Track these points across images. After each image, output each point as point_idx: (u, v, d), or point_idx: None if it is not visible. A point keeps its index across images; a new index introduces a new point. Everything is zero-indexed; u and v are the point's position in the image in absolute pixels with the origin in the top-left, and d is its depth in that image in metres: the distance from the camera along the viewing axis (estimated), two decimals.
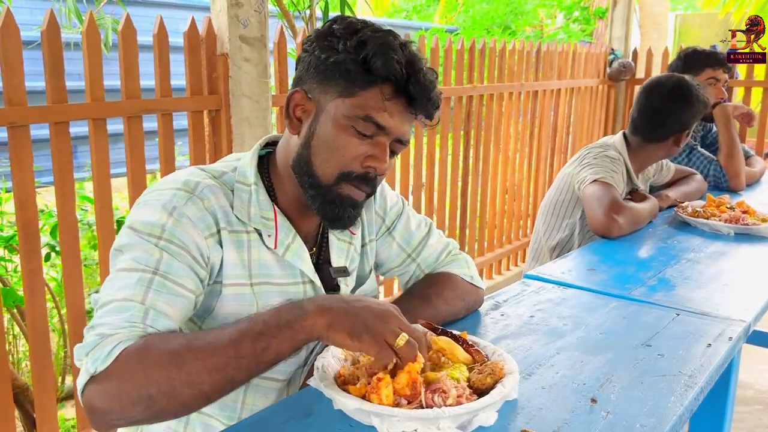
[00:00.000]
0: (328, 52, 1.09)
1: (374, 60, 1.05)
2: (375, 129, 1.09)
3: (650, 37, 7.83)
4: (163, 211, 1.07)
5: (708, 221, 2.13)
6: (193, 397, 0.92)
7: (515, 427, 0.97)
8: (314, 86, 1.12)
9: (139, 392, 0.91)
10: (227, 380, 0.93)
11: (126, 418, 0.93)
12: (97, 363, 0.92)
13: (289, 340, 0.94)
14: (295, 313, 0.96)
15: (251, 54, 2.31)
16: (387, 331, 0.95)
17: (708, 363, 1.20)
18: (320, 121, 1.11)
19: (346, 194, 1.13)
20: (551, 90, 4.42)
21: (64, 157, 1.95)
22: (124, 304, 0.98)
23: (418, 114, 1.12)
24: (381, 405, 0.90)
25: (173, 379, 0.91)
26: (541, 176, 4.51)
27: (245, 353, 0.93)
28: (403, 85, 1.07)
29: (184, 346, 0.93)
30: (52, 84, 1.90)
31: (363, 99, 1.08)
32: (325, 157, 1.11)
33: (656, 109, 2.24)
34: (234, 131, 2.32)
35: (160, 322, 0.99)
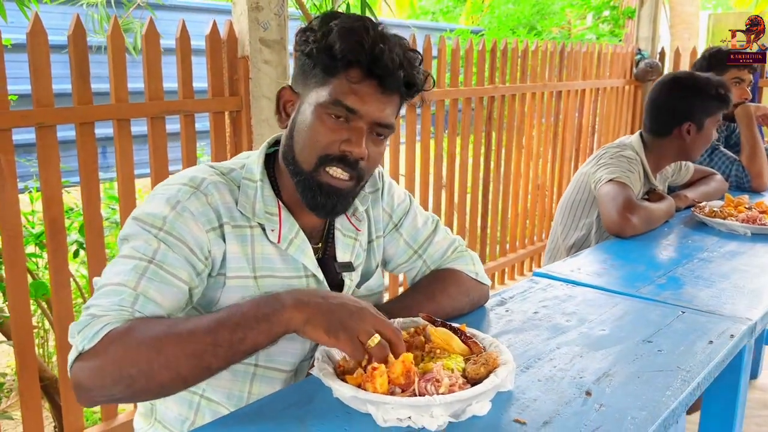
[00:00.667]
0: (303, 46, 1.15)
1: (337, 44, 1.09)
2: (346, 112, 1.12)
3: (681, 37, 7.72)
4: (167, 204, 1.13)
5: (724, 221, 2.11)
6: (170, 380, 0.97)
7: (507, 417, 1.00)
8: (298, 81, 1.18)
9: (120, 372, 0.96)
10: (204, 366, 0.98)
11: (107, 395, 0.99)
12: (85, 341, 0.98)
13: (266, 332, 0.98)
14: (273, 306, 1.00)
15: (271, 56, 2.36)
16: (361, 329, 0.98)
17: (708, 359, 1.20)
18: (300, 111, 1.17)
19: (325, 181, 1.16)
20: (575, 90, 4.41)
21: (90, 157, 2.03)
22: (117, 289, 1.04)
23: (393, 94, 1.14)
24: (376, 393, 0.94)
25: (152, 361, 0.96)
26: (565, 177, 4.49)
27: (222, 342, 0.97)
28: (367, 66, 1.10)
29: (164, 331, 0.98)
30: (78, 86, 1.97)
31: (333, 85, 1.12)
32: (305, 144, 1.16)
33: (656, 104, 2.29)
34: (254, 132, 2.38)
35: (148, 308, 1.04)
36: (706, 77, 2.29)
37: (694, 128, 2.25)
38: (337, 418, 0.98)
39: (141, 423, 1.34)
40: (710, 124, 2.26)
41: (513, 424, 0.98)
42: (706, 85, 2.25)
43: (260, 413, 1.01)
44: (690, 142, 2.27)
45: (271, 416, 0.99)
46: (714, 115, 2.25)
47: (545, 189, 4.35)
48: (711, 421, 1.54)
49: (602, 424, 0.98)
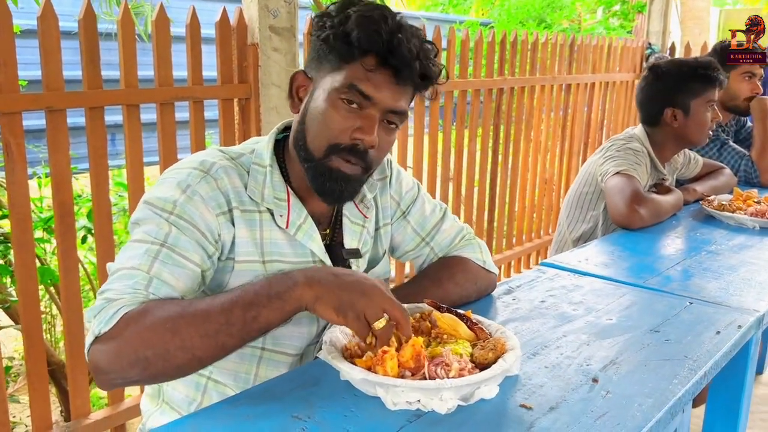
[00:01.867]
0: (319, 31, 1.14)
1: (354, 32, 1.09)
2: (361, 98, 1.12)
3: (691, 32, 7.68)
4: (177, 188, 1.13)
5: (733, 215, 2.11)
6: (186, 361, 0.98)
7: (514, 401, 1.00)
8: (312, 66, 1.18)
9: (136, 354, 0.97)
10: (219, 346, 0.99)
11: (125, 377, 1.00)
12: (101, 325, 0.99)
13: (279, 309, 0.99)
14: (285, 283, 1.01)
15: (280, 44, 2.36)
16: (369, 309, 0.99)
17: (715, 349, 1.20)
18: (313, 97, 1.17)
19: (336, 167, 1.16)
20: (585, 84, 4.39)
21: (99, 142, 2.03)
22: (130, 272, 1.05)
23: (407, 85, 1.14)
24: (386, 376, 0.94)
25: (168, 342, 0.97)
26: (573, 171, 4.47)
27: (236, 321, 0.98)
28: (383, 56, 1.10)
29: (178, 312, 0.99)
30: (88, 70, 1.98)
31: (348, 71, 1.12)
32: (316, 130, 1.15)
33: (642, 94, 2.36)
34: (263, 119, 2.38)
35: (162, 291, 1.04)
36: (688, 60, 2.30)
37: (680, 113, 2.25)
38: (344, 400, 0.99)
39: (148, 405, 1.35)
40: (698, 106, 2.23)
41: (519, 408, 0.98)
42: (684, 68, 2.25)
43: (267, 394, 1.02)
44: (680, 128, 2.27)
45: (278, 397, 1.00)
46: (701, 97, 2.23)
47: (552, 183, 4.34)
48: (716, 413, 1.54)
49: (608, 410, 0.98)
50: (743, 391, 1.64)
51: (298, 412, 0.95)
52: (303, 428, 0.91)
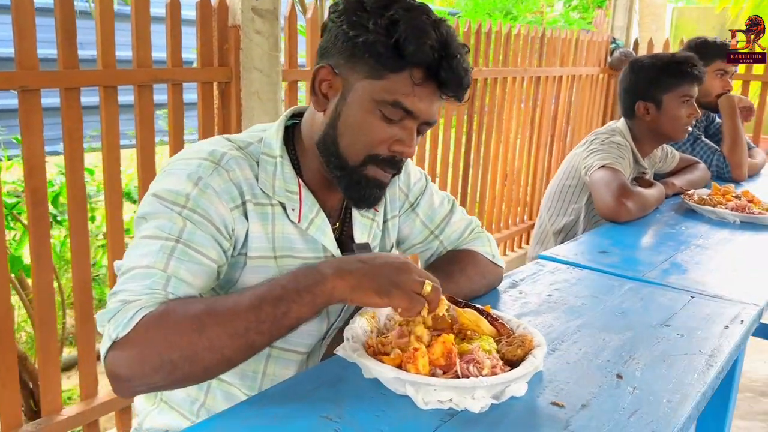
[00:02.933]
0: (357, 30, 1.05)
1: (406, 44, 1.02)
2: (403, 114, 1.07)
3: (649, 28, 7.83)
4: (188, 180, 1.06)
5: (715, 209, 2.14)
6: (215, 362, 0.93)
7: (544, 399, 0.98)
8: (341, 62, 1.09)
9: (161, 357, 0.91)
10: (249, 345, 0.93)
11: (148, 383, 0.93)
12: (118, 329, 0.92)
13: (309, 304, 0.94)
14: (313, 277, 0.95)
15: (263, 26, 2.29)
16: (412, 281, 0.96)
17: (727, 344, 1.21)
18: (347, 102, 1.09)
19: (372, 175, 1.12)
20: (553, 77, 4.42)
21: (74, 125, 1.93)
22: (146, 271, 0.98)
23: (448, 96, 1.11)
24: (419, 375, 0.91)
25: (195, 344, 0.91)
26: (540, 163, 4.51)
27: (266, 318, 0.93)
28: (434, 69, 1.05)
29: (204, 311, 0.93)
30: (64, 49, 1.87)
31: (392, 83, 1.05)
32: (352, 139, 1.10)
33: (620, 88, 2.40)
34: (243, 105, 2.30)
35: (181, 290, 0.98)
36: (664, 54, 2.33)
37: (652, 107, 2.28)
38: (372, 398, 0.95)
39: (144, 403, 1.28)
40: (671, 100, 2.25)
41: (551, 407, 0.96)
42: (658, 63, 2.28)
43: (290, 393, 0.97)
44: (653, 121, 2.30)
45: (302, 396, 0.96)
46: (673, 91, 2.25)
47: (514, 175, 4.35)
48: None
49: (639, 407, 0.97)
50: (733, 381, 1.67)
51: (327, 412, 0.91)
52: (336, 429, 0.87)
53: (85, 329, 2.06)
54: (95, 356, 2.12)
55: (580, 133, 4.90)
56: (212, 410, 1.20)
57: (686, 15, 10.94)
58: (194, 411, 1.21)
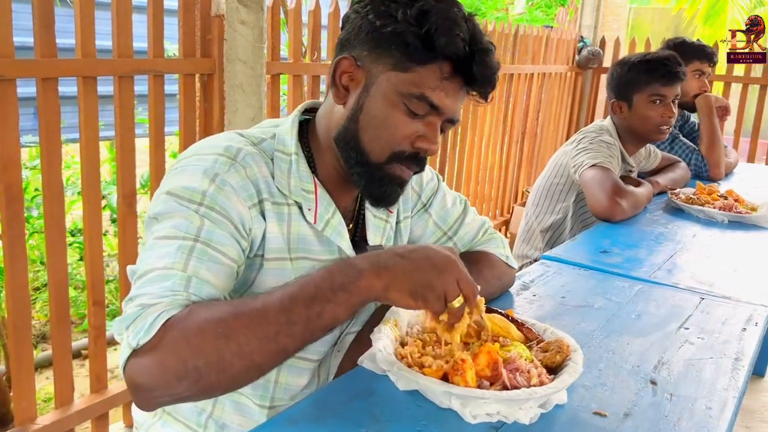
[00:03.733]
0: (384, 19, 1.00)
1: (437, 35, 0.97)
2: (428, 109, 1.03)
3: (611, 27, 7.94)
4: (205, 176, 1.00)
5: (703, 208, 2.16)
6: (244, 369, 0.86)
7: (585, 407, 0.95)
8: (365, 54, 1.04)
9: (185, 365, 0.83)
10: (280, 349, 0.87)
11: (172, 394, 0.86)
12: (139, 335, 0.85)
13: (345, 303, 0.87)
14: (349, 273, 0.88)
15: (248, 17, 2.20)
16: (449, 287, 0.90)
17: (749, 346, 1.20)
18: (370, 95, 1.04)
19: (396, 174, 1.07)
20: (525, 74, 4.43)
21: (52, 116, 1.81)
22: (164, 273, 0.91)
23: (474, 93, 1.07)
24: (468, 387, 0.86)
25: (222, 350, 0.84)
26: (511, 160, 4.52)
27: (298, 319, 0.86)
28: (464, 64, 1.00)
29: (231, 313, 0.86)
30: (41, 36, 1.75)
31: (419, 76, 1.01)
32: (375, 134, 1.04)
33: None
34: (227, 98, 2.21)
35: (203, 291, 0.92)
36: (641, 54, 2.34)
37: (624, 106, 2.30)
38: (409, 411, 0.90)
39: (144, 416, 1.21)
40: (640, 99, 2.25)
41: (594, 416, 0.93)
42: (632, 61, 2.29)
43: (322, 407, 0.91)
44: (627, 120, 2.31)
45: (335, 410, 0.90)
46: (643, 91, 2.24)
47: (488, 172, 4.34)
48: None
49: (681, 415, 0.95)
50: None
51: (366, 427, 0.86)
52: None
53: (60, 332, 1.95)
54: (71, 360, 2.01)
55: (548, 130, 4.93)
56: (221, 421, 1.14)
57: (642, 15, 11.16)
58: (201, 423, 1.14)
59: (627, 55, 2.40)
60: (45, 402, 2.72)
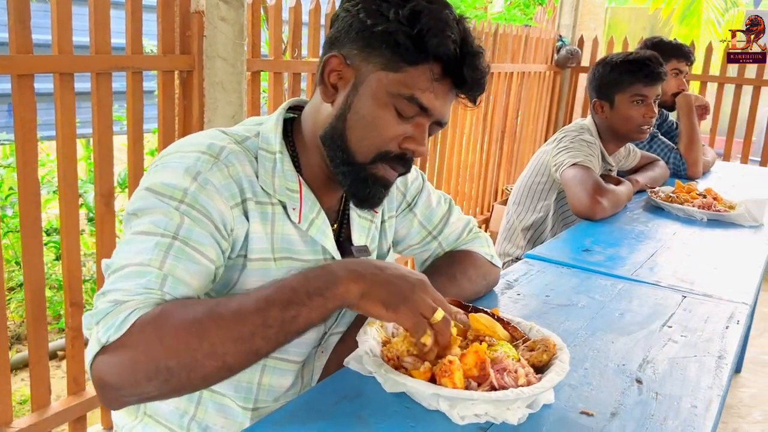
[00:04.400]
0: (375, 18, 1.00)
1: (429, 36, 0.97)
2: (418, 110, 1.02)
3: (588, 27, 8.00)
4: (186, 174, 0.98)
5: (683, 207, 2.18)
6: (215, 370, 0.85)
7: (572, 406, 0.95)
8: (354, 52, 1.03)
9: (156, 364, 0.82)
10: (253, 351, 0.86)
11: (140, 393, 0.85)
12: (109, 332, 0.84)
13: (320, 308, 0.87)
14: (327, 279, 0.88)
15: (228, 13, 2.17)
16: (424, 303, 0.90)
17: (731, 344, 1.21)
18: (359, 94, 1.03)
19: (381, 174, 1.06)
20: (505, 73, 4.44)
21: (28, 114, 1.78)
22: (140, 269, 0.90)
23: (463, 96, 1.07)
24: (455, 389, 0.86)
25: (195, 350, 0.83)
26: (491, 159, 4.54)
27: (273, 322, 0.85)
28: (454, 66, 1.00)
29: (206, 313, 0.85)
30: (16, 32, 1.72)
31: (410, 76, 1.00)
32: (362, 134, 1.04)
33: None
34: (206, 95, 2.19)
35: (178, 290, 0.90)
36: (622, 53, 2.35)
37: (606, 106, 2.31)
38: (397, 413, 0.89)
39: (124, 418, 1.19)
40: (622, 100, 2.26)
41: (581, 416, 0.93)
42: (614, 61, 2.30)
43: (309, 409, 0.90)
44: (608, 120, 2.32)
45: (322, 412, 0.89)
46: (626, 91, 2.26)
47: (468, 170, 4.35)
48: None
49: (667, 414, 0.95)
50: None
51: (354, 429, 0.85)
52: None
53: (37, 333, 1.91)
54: (48, 363, 1.98)
55: (527, 129, 4.96)
56: (203, 424, 1.12)
57: (619, 15, 11.27)
58: (184, 425, 1.13)
59: (608, 55, 2.41)
60: (21, 404, 2.67)
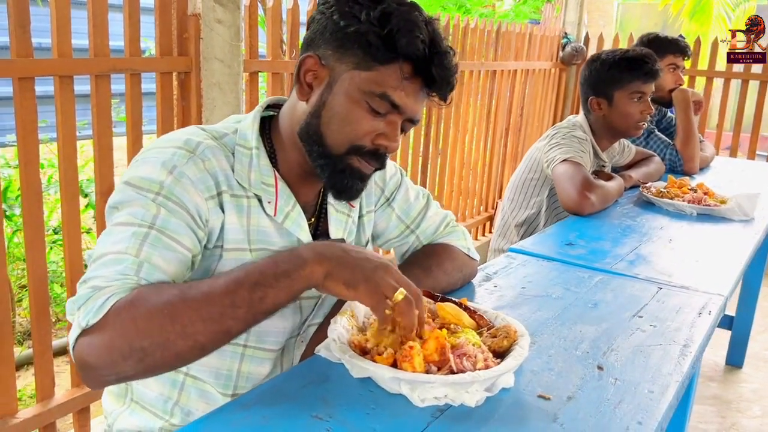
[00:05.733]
0: (348, 20, 1.05)
1: (398, 36, 1.02)
2: (389, 107, 1.07)
3: (597, 23, 8.02)
4: (163, 168, 1.04)
5: (673, 201, 2.21)
6: (188, 348, 0.90)
7: (531, 391, 0.99)
8: (329, 53, 1.08)
9: (130, 345, 0.88)
10: (223, 331, 0.91)
11: (117, 372, 0.90)
12: (89, 316, 0.90)
13: (287, 289, 0.93)
14: (293, 262, 0.94)
15: (224, 15, 2.23)
16: (384, 283, 0.94)
17: (698, 334, 1.25)
18: (333, 92, 1.08)
19: (356, 166, 1.11)
20: (509, 71, 4.47)
21: (29, 116, 1.84)
22: (118, 257, 0.95)
23: (433, 94, 1.11)
24: (415, 372, 0.90)
25: (167, 330, 0.88)
26: (495, 155, 4.56)
27: (241, 303, 0.91)
28: (423, 65, 1.05)
29: (177, 296, 0.91)
30: (17, 36, 1.78)
31: (381, 75, 1.05)
32: (336, 128, 1.09)
33: (579, 83, 2.44)
34: (204, 96, 2.24)
35: (154, 276, 0.96)
36: (617, 50, 2.37)
37: (604, 103, 2.33)
38: (361, 396, 0.94)
39: (113, 404, 1.24)
40: (621, 97, 2.29)
41: (538, 399, 0.97)
42: (611, 58, 2.32)
43: (276, 393, 0.95)
44: (606, 117, 2.34)
45: (290, 396, 0.94)
46: (624, 88, 2.28)
47: (471, 168, 4.38)
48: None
49: (623, 398, 0.99)
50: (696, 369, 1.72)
51: (317, 411, 0.90)
52: (327, 429, 0.86)
53: (40, 327, 1.98)
54: (52, 355, 2.04)
55: (533, 126, 4.97)
56: (186, 409, 1.18)
57: (631, 11, 11.23)
58: (168, 410, 1.18)
59: (600, 52, 2.43)
60: (31, 398, 2.75)
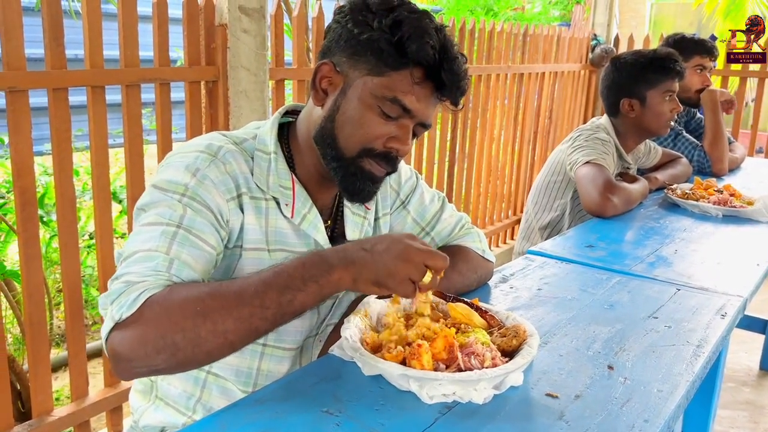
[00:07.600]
0: (361, 27, 1.09)
1: (409, 42, 1.06)
2: (401, 111, 1.10)
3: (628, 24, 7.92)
4: (186, 171, 1.09)
5: (698, 203, 2.19)
6: (218, 346, 0.94)
7: (539, 390, 1.01)
8: (343, 60, 1.12)
9: (164, 339, 0.92)
10: (252, 330, 0.95)
11: (149, 365, 0.94)
12: (122, 310, 0.94)
13: (315, 293, 0.97)
14: (321, 267, 0.97)
15: (250, 25, 2.29)
16: (408, 272, 0.97)
17: (713, 335, 1.25)
18: (347, 97, 1.12)
19: (368, 168, 1.15)
20: (536, 73, 4.46)
21: (63, 125, 1.92)
22: (149, 254, 1.00)
23: (445, 99, 1.14)
24: (423, 370, 0.93)
25: (199, 327, 0.92)
26: (524, 159, 4.55)
27: (270, 304, 0.95)
28: (434, 70, 1.08)
29: (209, 294, 0.95)
30: (51, 49, 1.86)
31: (392, 80, 1.09)
32: (349, 132, 1.13)
33: (603, 85, 2.43)
34: (231, 103, 2.30)
35: (184, 272, 1.00)
36: (646, 51, 2.36)
37: (637, 104, 2.31)
38: (371, 393, 0.97)
39: (139, 401, 1.29)
40: (655, 96, 2.29)
41: (546, 398, 0.99)
42: (641, 59, 2.31)
43: (290, 389, 0.99)
44: (637, 118, 2.33)
45: (302, 392, 0.97)
46: (656, 87, 2.28)
47: (498, 171, 4.38)
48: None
49: (631, 396, 1.00)
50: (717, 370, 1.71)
51: (328, 406, 0.93)
52: (337, 423, 0.89)
53: (75, 329, 2.06)
54: (86, 356, 2.12)
55: (562, 129, 4.95)
56: (208, 405, 1.22)
57: (664, 11, 11.05)
58: (190, 406, 1.23)
59: (619, 55, 2.42)
60: (68, 399, 2.84)
